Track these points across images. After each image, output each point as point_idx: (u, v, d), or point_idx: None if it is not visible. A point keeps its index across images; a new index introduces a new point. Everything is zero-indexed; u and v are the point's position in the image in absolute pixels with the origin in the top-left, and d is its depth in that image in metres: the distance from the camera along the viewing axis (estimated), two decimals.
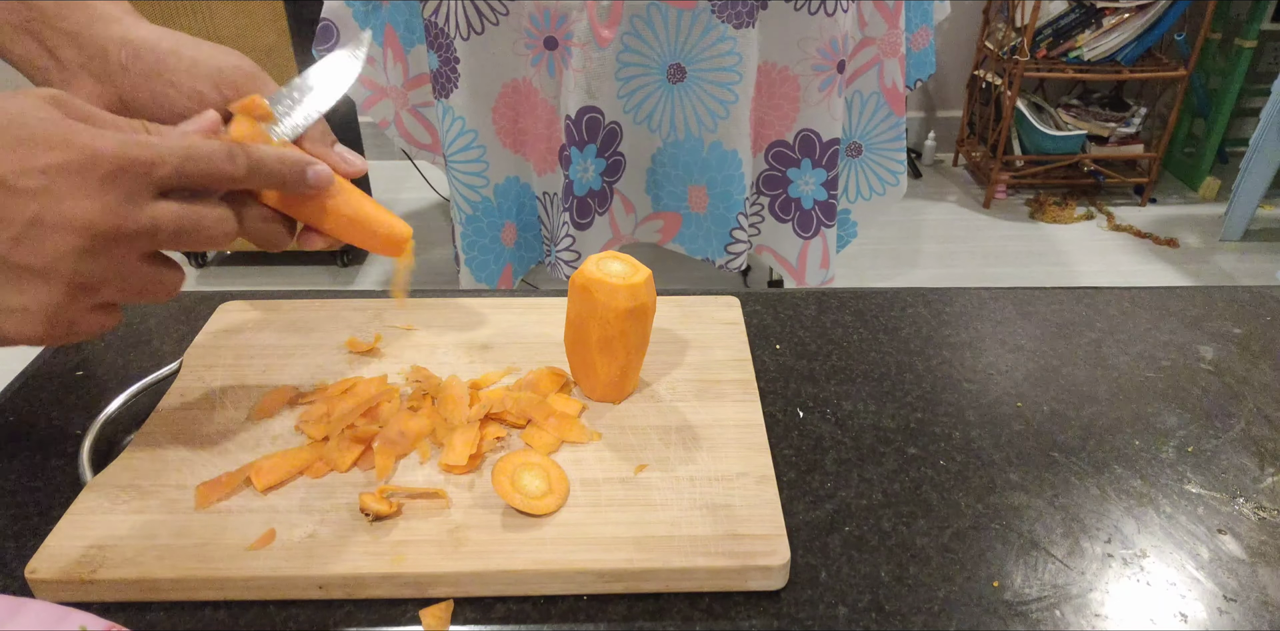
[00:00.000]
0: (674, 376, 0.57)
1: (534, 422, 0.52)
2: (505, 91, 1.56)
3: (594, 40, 1.45)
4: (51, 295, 0.37)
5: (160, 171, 0.38)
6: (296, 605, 0.43)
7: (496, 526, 0.45)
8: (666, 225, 1.73)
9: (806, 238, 1.72)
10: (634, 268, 0.51)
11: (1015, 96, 2.45)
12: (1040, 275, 2.27)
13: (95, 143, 0.37)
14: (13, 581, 0.44)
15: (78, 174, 0.36)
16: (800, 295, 0.69)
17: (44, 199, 0.35)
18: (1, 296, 0.36)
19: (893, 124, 1.71)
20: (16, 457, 0.52)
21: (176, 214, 0.39)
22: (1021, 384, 0.59)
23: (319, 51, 1.63)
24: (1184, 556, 0.47)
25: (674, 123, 1.57)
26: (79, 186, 0.36)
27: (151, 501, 0.47)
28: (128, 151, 0.37)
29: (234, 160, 0.41)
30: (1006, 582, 0.45)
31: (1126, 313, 0.67)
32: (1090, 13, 2.37)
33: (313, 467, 0.49)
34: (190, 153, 0.39)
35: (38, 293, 0.37)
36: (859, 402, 0.57)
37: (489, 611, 0.43)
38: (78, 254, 0.36)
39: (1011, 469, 0.52)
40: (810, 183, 1.67)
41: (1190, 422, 0.56)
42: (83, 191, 0.36)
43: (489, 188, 1.64)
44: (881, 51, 1.63)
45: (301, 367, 0.57)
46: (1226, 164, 2.66)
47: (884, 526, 0.48)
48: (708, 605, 0.44)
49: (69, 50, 0.46)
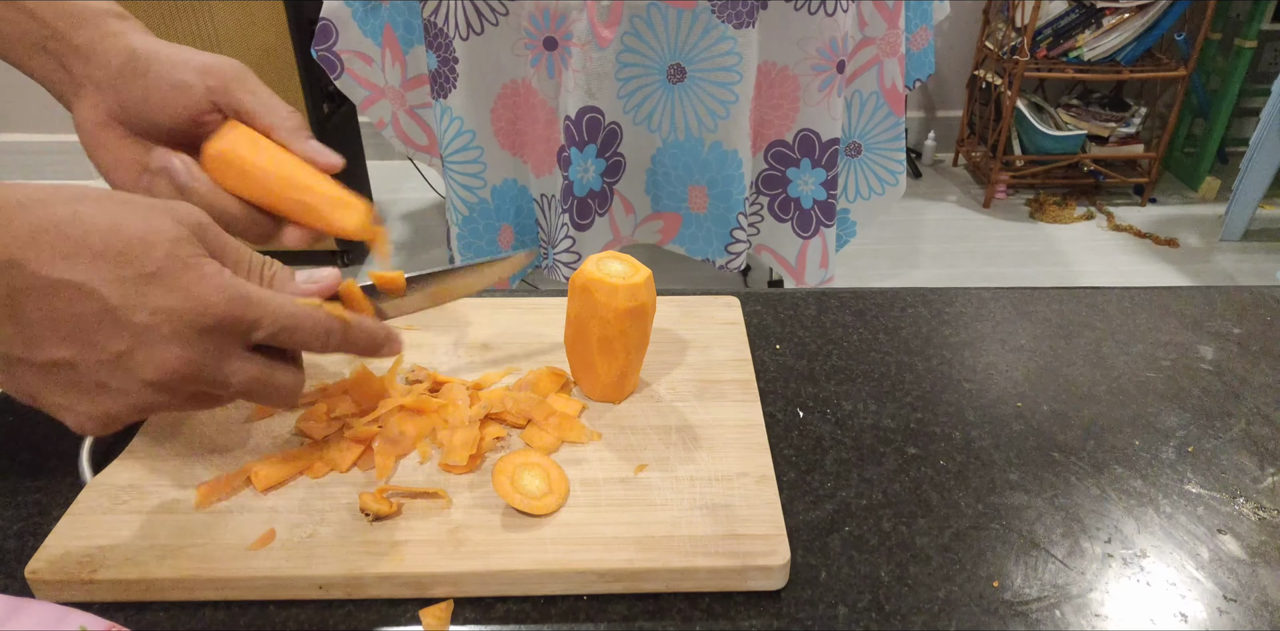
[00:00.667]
0: (674, 376, 0.57)
1: (534, 422, 0.52)
2: (504, 92, 1.56)
3: (594, 40, 1.45)
4: (115, 409, 0.39)
5: (257, 334, 0.40)
6: (296, 605, 0.43)
7: (496, 526, 0.45)
8: (666, 226, 1.73)
9: (806, 237, 1.72)
10: (634, 268, 0.51)
11: (1015, 96, 2.45)
12: (1040, 275, 2.27)
13: (206, 295, 0.38)
14: (13, 581, 0.44)
15: (182, 322, 0.38)
16: (800, 295, 0.69)
17: (142, 337, 0.37)
18: (72, 401, 0.39)
19: (892, 124, 1.71)
20: (16, 457, 0.52)
21: (253, 374, 0.41)
22: (1021, 384, 0.59)
23: (317, 51, 1.63)
24: (1184, 556, 0.47)
25: (674, 123, 1.57)
26: (179, 333, 0.38)
27: (151, 501, 0.47)
28: (234, 310, 0.39)
29: (329, 338, 0.43)
30: (1006, 582, 0.45)
31: (1126, 312, 0.67)
32: (1090, 13, 2.37)
33: (313, 467, 0.49)
34: (292, 323, 0.41)
35: (104, 406, 0.39)
36: (859, 402, 0.57)
37: (489, 611, 0.43)
38: (152, 387, 0.39)
39: (1011, 469, 0.52)
40: (809, 182, 1.67)
41: (1190, 422, 0.56)
42: (181, 339, 0.38)
43: (486, 189, 1.64)
44: (881, 51, 1.63)
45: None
46: (1226, 164, 2.66)
47: (884, 526, 0.48)
48: (708, 605, 0.44)
49: (78, 64, 0.49)
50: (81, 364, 0.37)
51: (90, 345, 0.37)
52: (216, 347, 0.39)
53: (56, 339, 0.37)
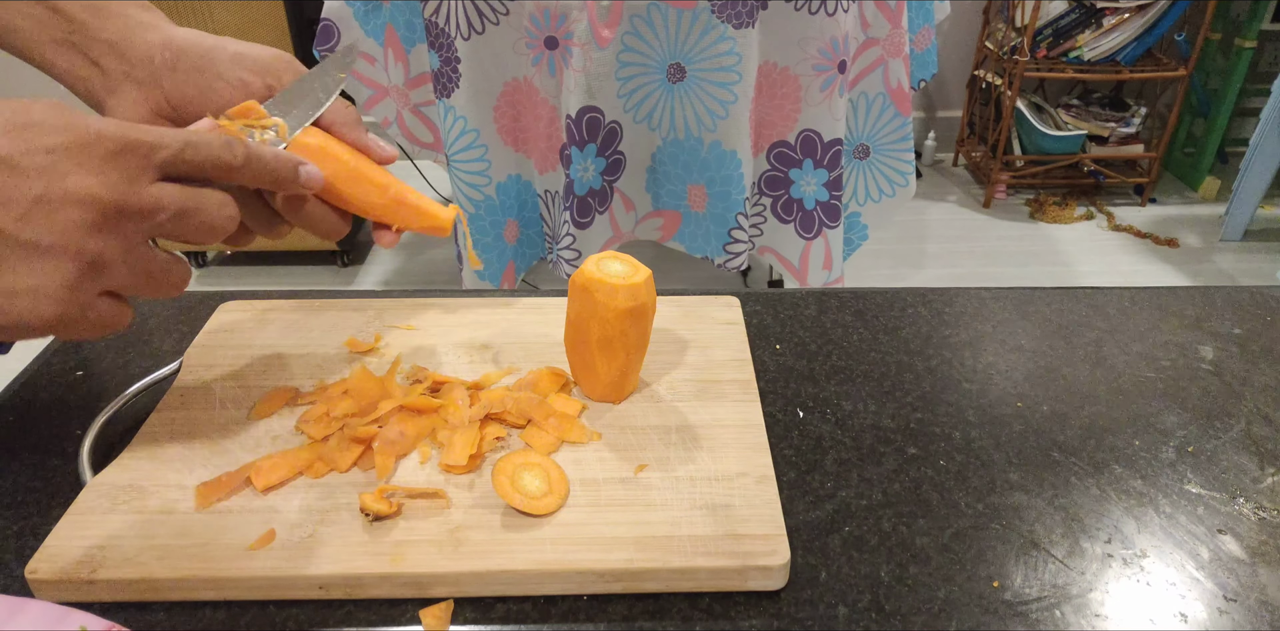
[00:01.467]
0: (674, 376, 0.57)
1: (534, 422, 0.52)
2: (506, 91, 1.56)
3: (594, 40, 1.45)
4: (62, 272, 0.37)
5: (161, 154, 0.39)
6: (296, 605, 0.43)
7: (496, 526, 0.45)
8: (666, 223, 1.73)
9: (809, 238, 1.72)
10: (634, 268, 0.51)
11: (1015, 96, 2.45)
12: (1040, 275, 2.27)
13: (97, 125, 0.38)
14: (13, 581, 0.44)
15: (81, 152, 0.37)
16: (800, 295, 0.69)
17: (49, 176, 0.36)
18: (12, 278, 0.36)
19: (899, 125, 1.71)
20: (16, 457, 0.52)
21: (178, 194, 0.40)
22: (1021, 384, 0.59)
23: (319, 51, 1.64)
24: (1184, 556, 0.47)
25: (674, 122, 1.57)
26: (82, 164, 0.37)
27: (151, 501, 0.47)
28: (128, 133, 0.38)
29: (232, 149, 0.42)
30: (1006, 582, 0.45)
31: (1126, 312, 0.67)
32: (1090, 13, 2.37)
33: (313, 467, 0.49)
34: (190, 139, 0.40)
35: (47, 270, 0.37)
36: (859, 402, 0.57)
37: (489, 611, 0.43)
38: (85, 228, 0.37)
39: (1011, 469, 0.52)
40: (812, 183, 1.67)
41: (1190, 422, 0.56)
42: (86, 168, 0.37)
43: (491, 186, 1.64)
44: (885, 52, 1.63)
45: (301, 367, 0.57)
46: (1226, 164, 2.66)
47: (884, 526, 0.48)
48: (708, 605, 0.44)
49: (111, 59, 0.48)
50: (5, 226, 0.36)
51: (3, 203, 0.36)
52: (128, 173, 0.38)
53: None
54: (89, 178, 0.37)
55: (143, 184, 0.39)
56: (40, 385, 0.58)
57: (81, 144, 0.37)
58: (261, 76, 0.49)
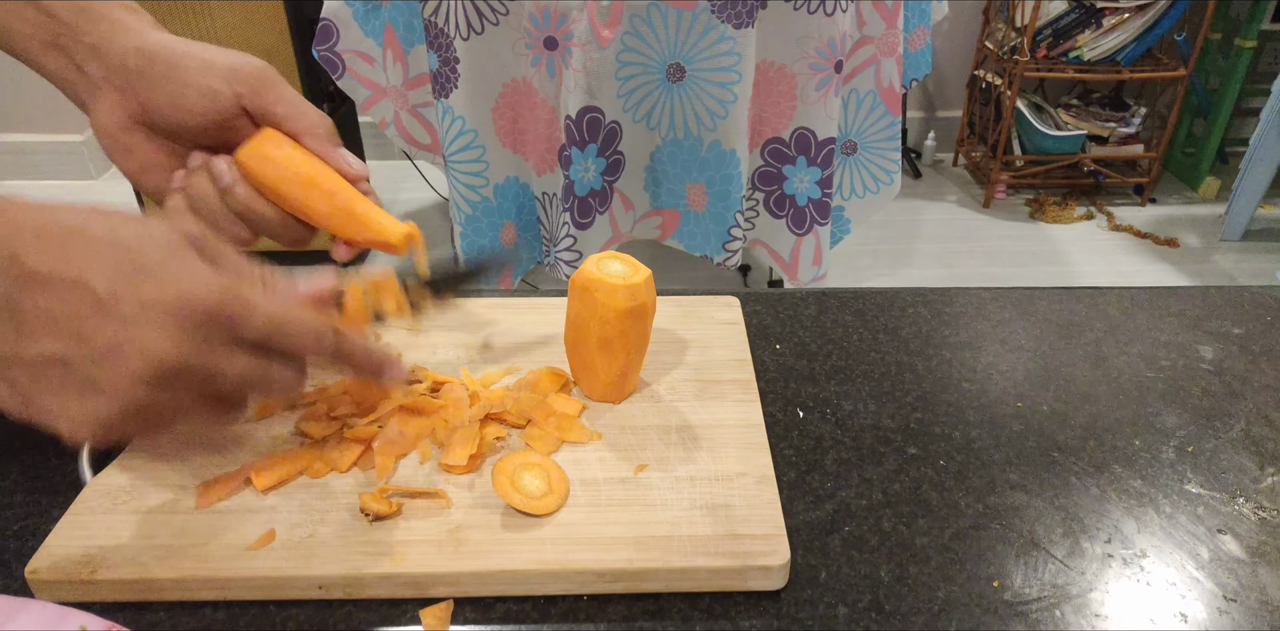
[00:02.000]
0: (674, 376, 0.57)
1: (534, 422, 0.52)
2: (505, 91, 1.56)
3: (594, 40, 1.45)
4: (107, 411, 0.38)
5: (246, 332, 0.40)
6: (296, 605, 0.43)
7: (496, 526, 0.45)
8: (665, 222, 1.73)
9: (800, 234, 1.72)
10: (634, 268, 0.51)
11: (1015, 96, 2.45)
12: (1040, 275, 2.27)
13: (198, 288, 0.38)
14: (13, 581, 0.44)
15: (171, 314, 0.38)
16: (800, 295, 0.69)
17: (131, 327, 0.37)
18: (64, 403, 0.38)
19: (888, 124, 1.71)
20: (16, 457, 0.52)
21: (245, 368, 0.40)
22: (1021, 384, 0.59)
23: (320, 52, 1.63)
24: (1184, 556, 0.47)
25: (673, 122, 1.57)
26: (165, 323, 0.38)
27: (151, 501, 0.47)
28: (223, 304, 0.38)
29: (321, 342, 0.42)
30: (1006, 582, 0.45)
31: (1126, 312, 0.67)
32: (1090, 13, 2.37)
33: (313, 467, 0.49)
34: (282, 324, 0.40)
35: (96, 407, 0.38)
36: (859, 402, 0.57)
37: (489, 611, 0.43)
38: (141, 381, 0.38)
39: (1011, 469, 0.52)
40: (805, 180, 1.67)
41: (1190, 422, 0.56)
42: (168, 330, 0.38)
43: (488, 187, 1.64)
44: (879, 51, 1.63)
45: None
46: (1226, 164, 2.66)
47: (884, 526, 0.48)
48: (708, 605, 0.44)
49: (92, 64, 0.48)
50: (73, 359, 0.37)
51: (81, 338, 0.37)
52: (206, 341, 0.39)
53: (48, 333, 0.37)
54: (166, 340, 0.38)
55: (215, 350, 0.39)
56: None
57: (175, 307, 0.38)
58: (231, 85, 0.48)
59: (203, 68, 0.48)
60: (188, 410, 0.41)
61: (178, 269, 0.38)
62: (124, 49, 0.48)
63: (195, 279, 0.38)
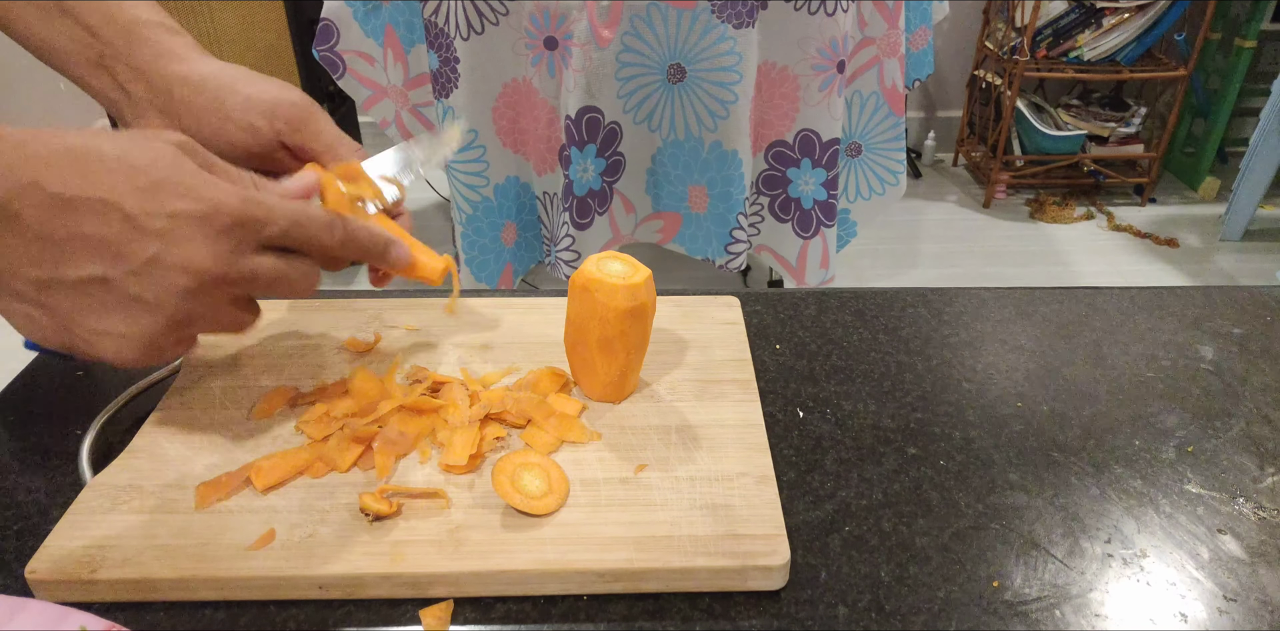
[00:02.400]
0: (674, 376, 0.57)
1: (534, 422, 0.52)
2: (505, 91, 1.56)
3: (594, 40, 1.45)
4: (153, 326, 0.40)
5: (269, 231, 0.42)
6: (296, 605, 0.43)
7: (496, 526, 0.45)
8: (666, 225, 1.73)
9: (806, 237, 1.72)
10: (634, 268, 0.51)
11: (1015, 96, 2.45)
12: (1040, 275, 2.27)
13: (220, 196, 0.40)
14: (13, 581, 0.44)
15: (200, 223, 0.39)
16: (800, 295, 0.69)
17: (166, 240, 0.39)
18: (109, 322, 0.39)
19: (892, 124, 1.71)
20: (17, 457, 0.52)
21: (272, 267, 0.43)
22: (1021, 384, 0.59)
23: (320, 52, 1.63)
24: (1184, 556, 0.47)
25: (674, 123, 1.57)
26: (198, 233, 0.39)
27: (151, 501, 0.47)
28: (247, 209, 0.40)
29: (332, 231, 0.45)
30: (1006, 582, 0.45)
31: (1126, 312, 0.67)
32: (1090, 13, 2.37)
33: (313, 467, 0.49)
34: (298, 219, 0.43)
35: (141, 322, 0.40)
36: (859, 402, 0.57)
37: (489, 611, 0.43)
38: (184, 293, 0.40)
39: (1011, 469, 0.52)
40: (810, 182, 1.67)
41: (1190, 422, 0.56)
42: (201, 239, 0.39)
43: (489, 187, 1.64)
44: (881, 51, 1.63)
45: (301, 367, 0.57)
46: (1226, 164, 2.66)
47: (884, 526, 0.48)
48: (708, 605, 0.44)
49: (138, 85, 0.50)
50: (114, 277, 0.38)
51: (119, 256, 0.38)
52: (236, 245, 0.40)
53: (86, 255, 0.38)
54: (201, 249, 0.39)
55: (245, 255, 0.41)
56: (40, 385, 0.58)
57: (202, 215, 0.39)
58: (271, 122, 0.50)
59: (245, 105, 0.50)
60: (223, 316, 0.42)
61: (193, 180, 0.40)
62: (169, 76, 0.49)
63: (214, 189, 0.40)
